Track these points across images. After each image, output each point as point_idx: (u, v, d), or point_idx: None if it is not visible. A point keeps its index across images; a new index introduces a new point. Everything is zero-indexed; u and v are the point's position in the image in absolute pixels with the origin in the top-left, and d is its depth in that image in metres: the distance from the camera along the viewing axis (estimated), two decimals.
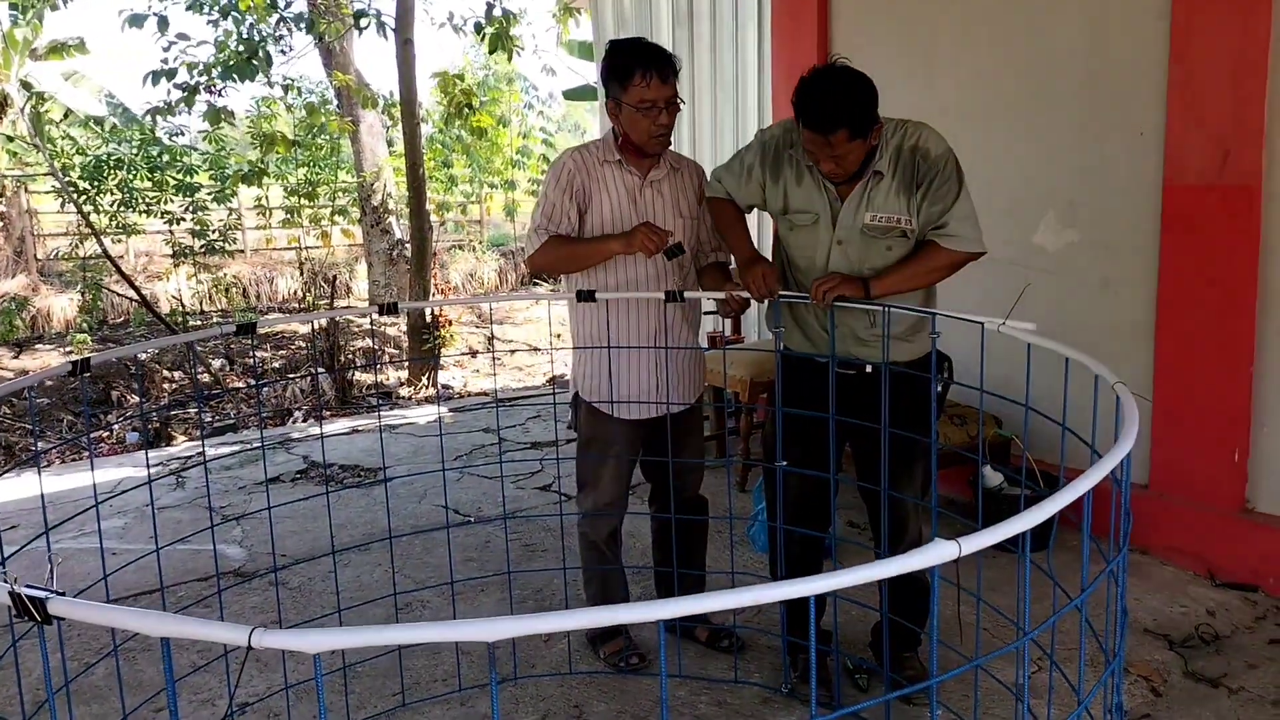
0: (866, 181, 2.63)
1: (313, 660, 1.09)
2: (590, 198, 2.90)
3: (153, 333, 11.99)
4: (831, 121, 2.46)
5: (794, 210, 2.74)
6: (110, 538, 4.31)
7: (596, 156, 2.92)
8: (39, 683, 3.05)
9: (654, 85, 2.77)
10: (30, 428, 7.83)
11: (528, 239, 2.96)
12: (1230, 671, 2.98)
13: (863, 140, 2.52)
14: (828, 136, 2.48)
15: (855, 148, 2.52)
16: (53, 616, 1.15)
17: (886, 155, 2.62)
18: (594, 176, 2.90)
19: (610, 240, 2.84)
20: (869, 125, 2.51)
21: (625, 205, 2.92)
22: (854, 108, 2.47)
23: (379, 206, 11.92)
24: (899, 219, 2.62)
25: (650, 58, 2.78)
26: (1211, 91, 3.45)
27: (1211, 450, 3.60)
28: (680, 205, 2.99)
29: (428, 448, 5.84)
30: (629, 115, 2.82)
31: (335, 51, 10.90)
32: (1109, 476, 1.50)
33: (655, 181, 2.95)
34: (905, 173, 2.60)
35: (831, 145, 2.50)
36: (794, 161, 2.72)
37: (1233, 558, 3.55)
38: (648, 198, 2.94)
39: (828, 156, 2.54)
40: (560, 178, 2.90)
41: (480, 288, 15.95)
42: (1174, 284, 3.65)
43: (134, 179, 12.25)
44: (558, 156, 3.00)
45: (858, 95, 2.48)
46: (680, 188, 3.01)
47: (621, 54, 2.82)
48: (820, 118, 2.48)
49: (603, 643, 3.16)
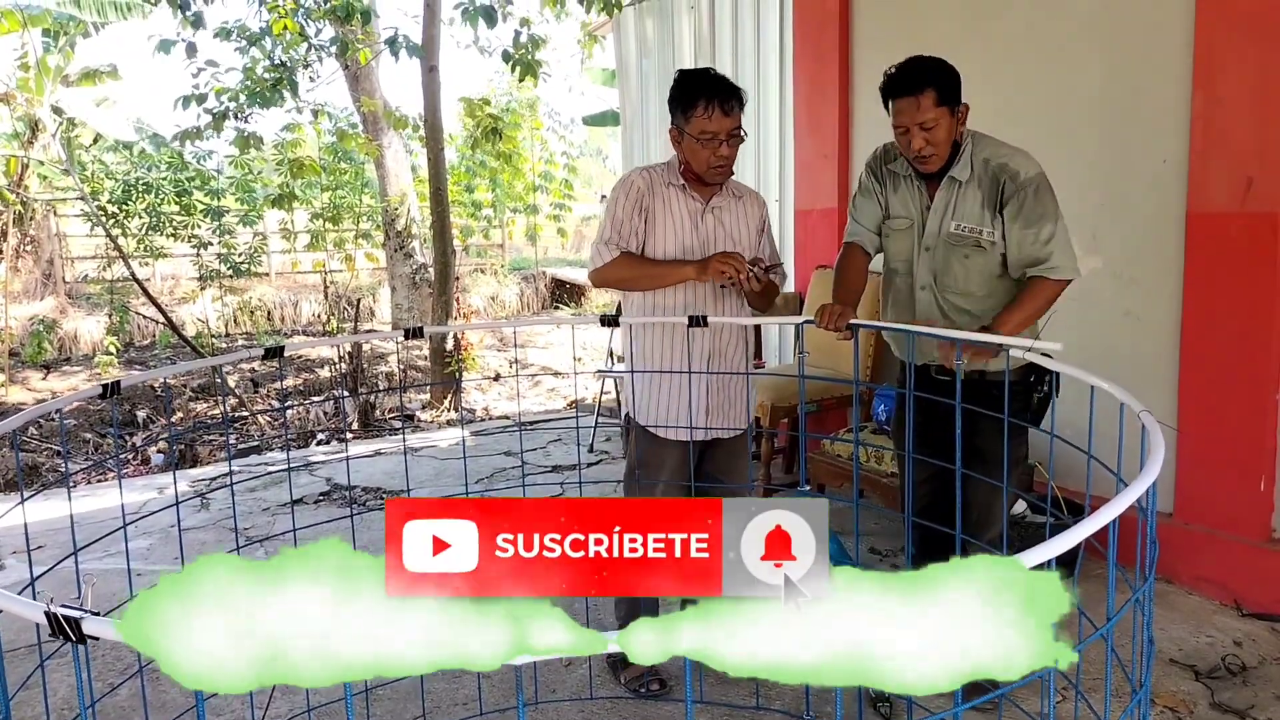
0: (951, 190, 2.77)
1: (340, 683, 1.11)
2: (654, 218, 2.92)
3: (178, 355, 12.09)
4: (919, 79, 2.66)
5: (893, 216, 2.93)
6: (135, 558, 4.34)
7: (662, 178, 2.95)
8: (63, 703, 3.08)
9: (715, 117, 2.79)
10: (59, 449, 7.91)
11: (595, 252, 2.96)
12: (1258, 703, 2.95)
13: (950, 114, 2.68)
14: (917, 97, 2.65)
15: (943, 120, 2.68)
16: (87, 636, 1.17)
17: (970, 164, 2.77)
18: (659, 197, 2.93)
19: (685, 266, 2.85)
20: (955, 97, 2.69)
21: (687, 229, 2.93)
22: (939, 71, 2.69)
23: (403, 231, 12.02)
24: (980, 231, 2.76)
25: (715, 89, 2.79)
26: (1234, 119, 3.45)
27: (1237, 479, 3.57)
28: (739, 233, 3.00)
29: (450, 470, 5.86)
30: (690, 145, 2.84)
31: (361, 78, 11.03)
32: (1134, 505, 1.50)
33: (717, 209, 2.97)
34: (991, 189, 2.75)
35: (921, 109, 2.66)
36: (892, 173, 2.94)
37: (1260, 587, 3.51)
38: (709, 224, 2.95)
39: (918, 130, 2.69)
40: (629, 193, 2.92)
41: (502, 311, 16.01)
42: (1198, 312, 3.64)
43: (162, 203, 12.40)
44: (625, 174, 3.02)
45: (942, 64, 2.71)
46: (741, 216, 3.02)
47: (687, 83, 2.84)
48: (909, 77, 2.68)
49: (623, 667, 3.16)
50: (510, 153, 14.66)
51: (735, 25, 6.02)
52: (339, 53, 8.50)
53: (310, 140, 12.21)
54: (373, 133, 11.51)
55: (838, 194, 5.24)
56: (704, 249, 2.94)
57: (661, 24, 6.82)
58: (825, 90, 5.24)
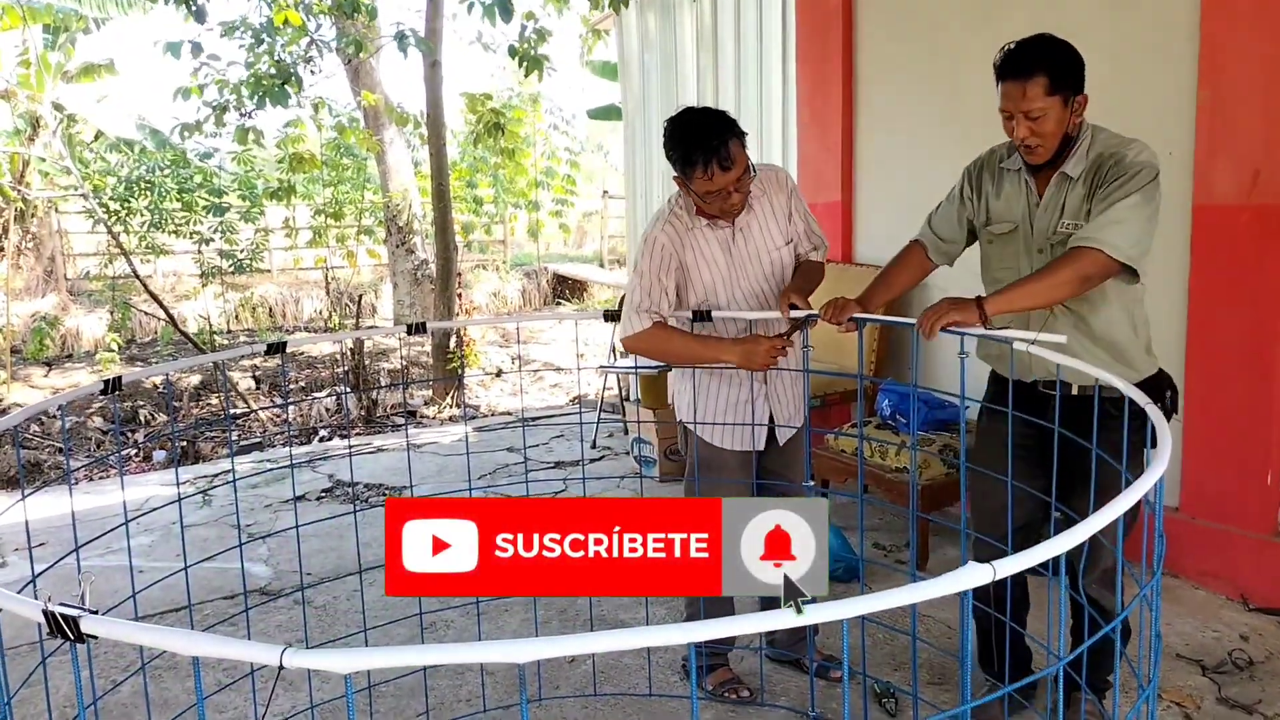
0: (1062, 186, 2.48)
1: (340, 679, 1.10)
2: (689, 270, 2.86)
3: (180, 352, 12.09)
4: (1030, 63, 2.37)
5: (994, 220, 2.64)
6: (137, 556, 4.33)
7: (684, 224, 2.84)
8: (66, 700, 3.07)
9: (716, 176, 2.65)
10: (60, 445, 7.91)
11: (626, 318, 2.86)
12: (1265, 698, 2.94)
13: (1062, 102, 2.38)
14: (1024, 83, 2.37)
15: (1054, 109, 2.38)
16: (85, 635, 1.16)
17: (1083, 158, 2.46)
18: (687, 245, 2.84)
19: (723, 351, 2.76)
20: (1069, 84, 2.38)
21: (722, 263, 2.86)
22: (1055, 55, 2.37)
23: (404, 227, 12.01)
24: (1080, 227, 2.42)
25: (707, 150, 2.63)
26: (1241, 111, 3.43)
27: (1243, 473, 3.56)
28: (770, 239, 2.91)
29: (452, 466, 5.85)
30: (698, 196, 2.75)
31: (362, 73, 11.01)
32: (1141, 500, 1.48)
33: (744, 228, 2.88)
34: (1097, 179, 2.43)
35: (1027, 97, 2.37)
36: (995, 172, 2.65)
37: (1266, 582, 3.50)
38: (740, 244, 2.88)
39: (1023, 118, 2.40)
40: (655, 255, 2.82)
41: (504, 307, 16.01)
42: (1204, 305, 3.62)
43: (163, 200, 12.39)
44: (649, 232, 2.88)
45: (1061, 46, 2.39)
46: (769, 219, 2.91)
47: (680, 142, 2.68)
48: (1018, 60, 2.38)
49: (709, 672, 3.08)
50: (512, 148, 14.62)
51: (737, 17, 6.00)
52: (348, 49, 8.47)
53: (311, 136, 12.19)
54: (374, 128, 11.49)
55: (841, 187, 5.22)
56: (740, 269, 2.87)
57: (663, 17, 6.80)
58: (828, 83, 5.22)
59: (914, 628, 2.61)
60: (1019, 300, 2.42)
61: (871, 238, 5.21)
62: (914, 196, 2.85)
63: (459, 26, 22.21)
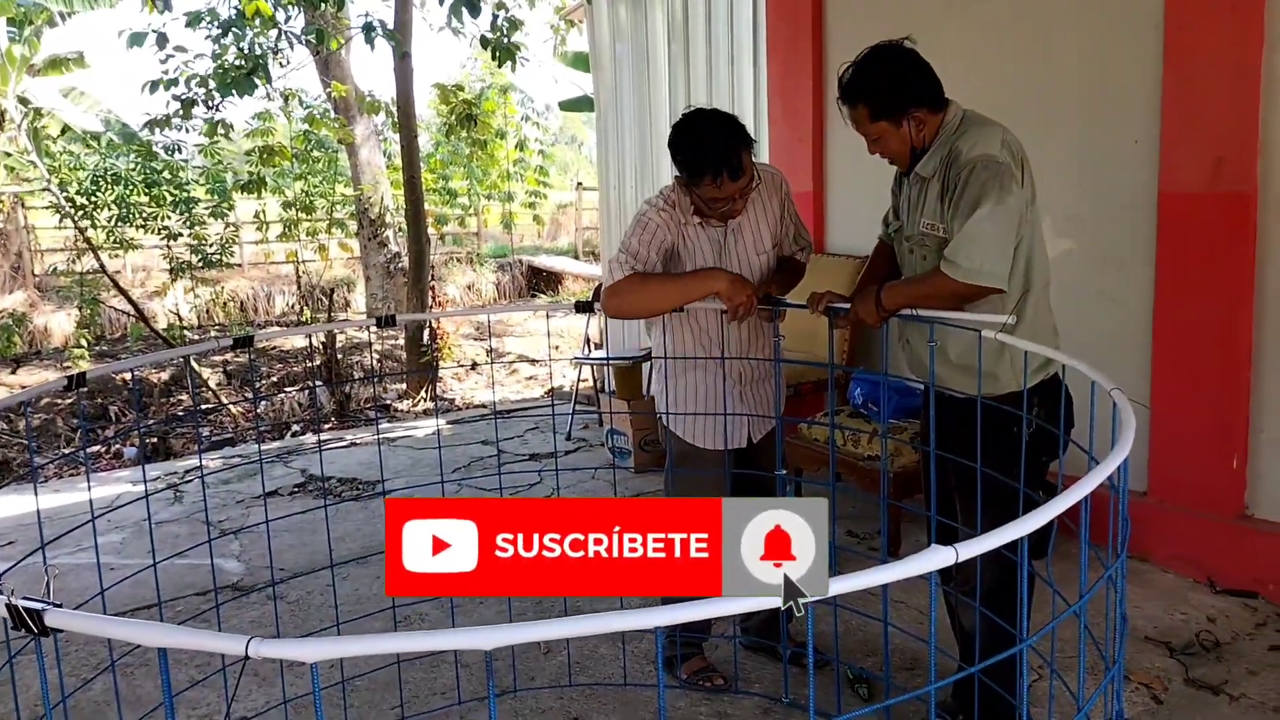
0: (920, 187, 2.50)
1: (310, 672, 1.09)
2: (678, 255, 2.85)
3: (150, 348, 11.98)
4: (851, 94, 2.37)
5: (895, 218, 2.71)
6: (107, 553, 4.29)
7: (679, 217, 2.83)
8: (36, 698, 3.04)
9: (725, 186, 2.66)
10: (27, 443, 7.82)
11: (607, 270, 2.84)
12: (1231, 679, 2.97)
13: (892, 125, 2.39)
14: (852, 110, 2.38)
15: (885, 133, 2.40)
16: (50, 629, 1.15)
17: (935, 159, 2.45)
18: (680, 235, 2.84)
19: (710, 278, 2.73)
20: (894, 108, 2.36)
21: (711, 260, 2.86)
22: (875, 83, 2.34)
23: (376, 220, 11.94)
24: (939, 228, 2.44)
25: (719, 160, 2.62)
26: (1206, 99, 3.46)
27: (1210, 457, 3.60)
28: (760, 240, 2.93)
29: (426, 460, 5.83)
30: (701, 199, 2.75)
31: (331, 64, 10.93)
32: (1107, 483, 1.50)
33: (736, 227, 2.89)
34: (945, 176, 2.42)
35: (857, 122, 2.39)
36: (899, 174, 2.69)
37: (1233, 564, 3.54)
38: (730, 244, 2.89)
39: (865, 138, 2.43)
40: (647, 230, 2.81)
41: (478, 299, 15.96)
42: (1170, 292, 3.65)
43: (131, 194, 12.26)
44: (644, 210, 2.85)
45: (883, 72, 2.36)
46: (761, 218, 2.92)
47: (688, 149, 2.68)
48: (843, 88, 2.39)
49: (682, 662, 3.09)
50: (485, 139, 14.57)
51: (708, 6, 5.99)
52: (315, 41, 8.40)
53: (282, 127, 12.09)
54: (345, 119, 11.42)
55: (813, 178, 5.23)
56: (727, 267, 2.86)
57: (634, 7, 6.78)
58: (799, 73, 5.23)
59: (885, 612, 2.63)
60: (905, 299, 2.49)
61: (843, 227, 5.22)
62: (885, 186, 2.85)
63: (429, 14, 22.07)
